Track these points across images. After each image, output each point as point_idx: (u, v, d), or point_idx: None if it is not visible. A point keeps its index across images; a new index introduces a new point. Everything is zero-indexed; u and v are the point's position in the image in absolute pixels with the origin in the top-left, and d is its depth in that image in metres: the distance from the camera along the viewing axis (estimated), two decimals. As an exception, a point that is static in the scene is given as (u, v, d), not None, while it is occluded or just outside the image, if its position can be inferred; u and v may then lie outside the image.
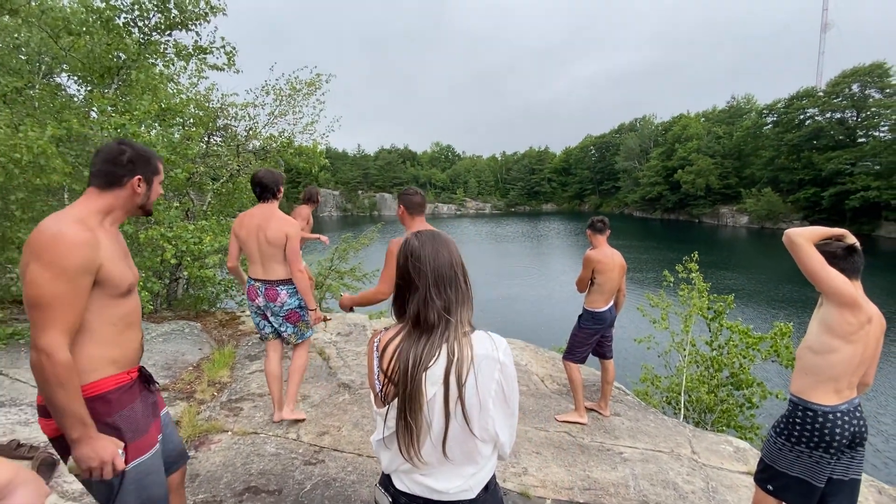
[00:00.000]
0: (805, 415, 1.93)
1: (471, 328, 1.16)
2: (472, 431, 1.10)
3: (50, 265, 1.19)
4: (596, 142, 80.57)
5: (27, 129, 3.65)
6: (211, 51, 5.32)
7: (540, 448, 3.27)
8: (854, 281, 1.93)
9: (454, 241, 1.21)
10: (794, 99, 44.50)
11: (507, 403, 1.15)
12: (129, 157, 1.42)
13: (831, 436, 1.87)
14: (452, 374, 1.06)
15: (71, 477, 2.37)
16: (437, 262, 1.12)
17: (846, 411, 1.90)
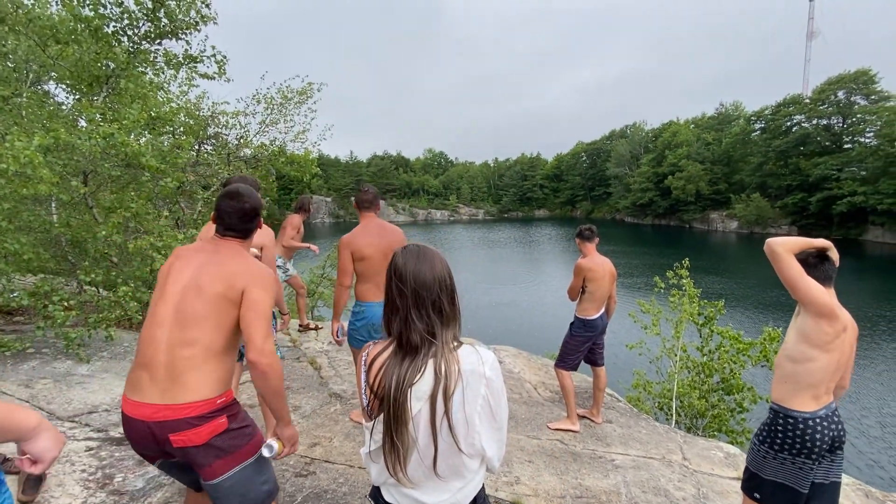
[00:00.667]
0: (786, 422, 1.96)
1: (457, 343, 1.15)
2: (459, 447, 1.09)
3: (268, 291, 1.56)
4: (587, 148, 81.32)
5: (14, 138, 3.61)
6: (201, 59, 5.31)
7: (532, 456, 3.27)
8: (827, 289, 1.97)
9: (441, 257, 1.18)
10: (781, 106, 45.34)
11: (493, 418, 1.14)
12: (253, 205, 1.67)
13: (812, 441, 1.91)
14: (440, 391, 1.06)
15: (59, 491, 2.33)
16: (419, 283, 1.10)
17: (825, 416, 1.94)
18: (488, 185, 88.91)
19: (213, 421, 1.44)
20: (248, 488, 1.49)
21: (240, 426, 1.51)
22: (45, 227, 4.59)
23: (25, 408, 1.02)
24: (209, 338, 1.47)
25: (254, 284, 1.51)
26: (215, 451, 1.44)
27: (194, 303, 1.48)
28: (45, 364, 3.97)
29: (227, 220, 1.63)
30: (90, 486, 2.42)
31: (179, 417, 1.39)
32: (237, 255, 1.61)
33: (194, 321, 1.47)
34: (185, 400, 1.41)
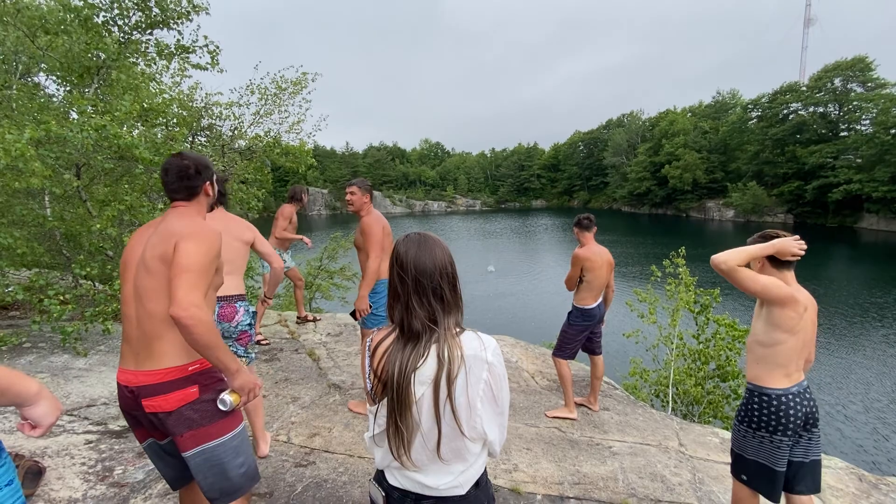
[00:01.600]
0: (761, 399, 2.07)
1: (460, 329, 1.16)
2: (462, 431, 1.11)
3: (202, 244, 1.47)
4: (584, 138, 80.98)
5: (4, 131, 3.56)
6: (194, 50, 5.23)
7: (530, 444, 3.30)
8: (787, 272, 2.08)
9: (443, 244, 1.19)
10: (777, 93, 45.19)
11: (495, 402, 1.16)
12: (196, 167, 1.63)
13: (786, 417, 2.02)
14: (443, 375, 1.08)
15: (59, 484, 2.34)
16: (419, 270, 1.12)
17: (797, 393, 2.06)
18: (485, 175, 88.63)
19: (183, 389, 1.45)
20: (223, 469, 1.48)
21: (212, 399, 1.49)
22: (38, 221, 4.55)
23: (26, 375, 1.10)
24: (162, 306, 1.45)
25: (183, 238, 1.45)
26: (186, 420, 1.44)
27: (144, 277, 1.48)
28: (42, 358, 3.96)
29: (169, 181, 1.61)
30: (90, 479, 2.43)
31: (150, 383, 1.43)
32: (179, 216, 1.56)
33: (147, 294, 1.47)
34: (154, 367, 1.45)
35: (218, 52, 5.45)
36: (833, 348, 13.54)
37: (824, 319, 15.75)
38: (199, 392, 1.46)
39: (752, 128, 48.24)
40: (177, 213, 1.59)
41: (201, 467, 1.46)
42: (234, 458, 1.49)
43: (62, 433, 2.85)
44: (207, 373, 1.51)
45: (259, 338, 4.81)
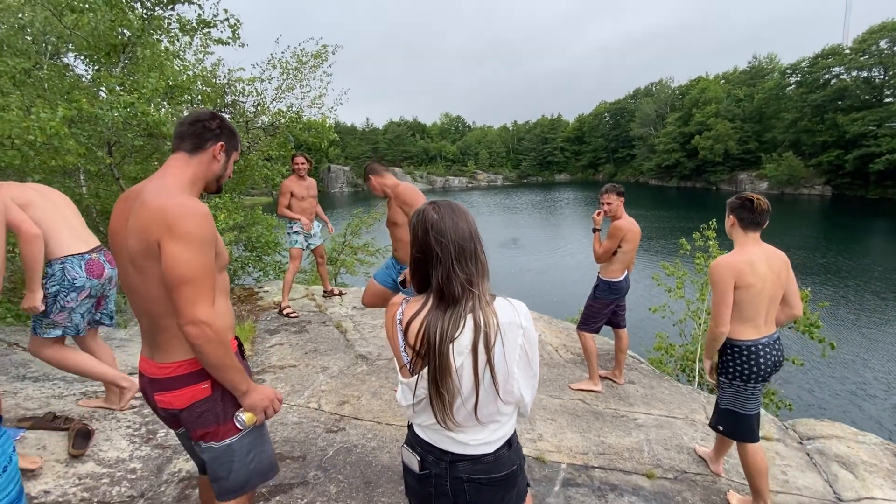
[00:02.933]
0: (733, 350, 2.32)
1: (491, 296, 1.17)
2: (500, 396, 1.14)
3: (190, 240, 1.21)
4: (610, 108, 78.26)
5: (38, 110, 3.66)
6: (214, 24, 5.22)
7: (555, 415, 3.33)
8: (754, 233, 2.37)
9: (470, 212, 1.20)
10: (819, 57, 42.38)
11: (530, 366, 1.18)
12: (220, 123, 1.42)
13: (757, 365, 2.27)
14: (481, 343, 1.09)
15: (107, 445, 2.49)
16: (458, 235, 1.13)
17: (767, 343, 2.29)
18: (507, 149, 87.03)
19: (194, 385, 1.33)
20: (231, 466, 1.40)
21: (227, 397, 1.37)
22: (75, 199, 4.71)
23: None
24: (163, 307, 1.28)
25: (166, 237, 1.20)
26: (197, 417, 1.34)
27: (135, 276, 1.30)
28: (86, 329, 4.17)
29: (182, 125, 1.40)
30: (135, 441, 2.58)
31: (161, 377, 1.34)
32: (161, 187, 1.29)
33: (143, 294, 1.30)
34: (164, 360, 1.33)
35: (238, 26, 5.43)
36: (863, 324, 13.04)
37: (854, 295, 15.14)
38: (210, 388, 1.35)
39: (791, 94, 45.60)
40: (161, 180, 1.33)
41: (212, 462, 1.40)
42: (245, 455, 1.43)
43: (108, 398, 3.02)
44: None
45: (288, 310, 4.94)
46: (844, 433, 3.35)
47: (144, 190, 1.29)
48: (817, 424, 3.49)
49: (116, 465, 2.36)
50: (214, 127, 1.40)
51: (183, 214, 1.22)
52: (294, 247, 5.02)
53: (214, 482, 1.42)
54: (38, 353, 2.51)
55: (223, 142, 1.43)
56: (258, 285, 6.33)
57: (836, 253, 20.90)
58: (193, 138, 1.38)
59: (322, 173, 69.58)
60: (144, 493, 2.18)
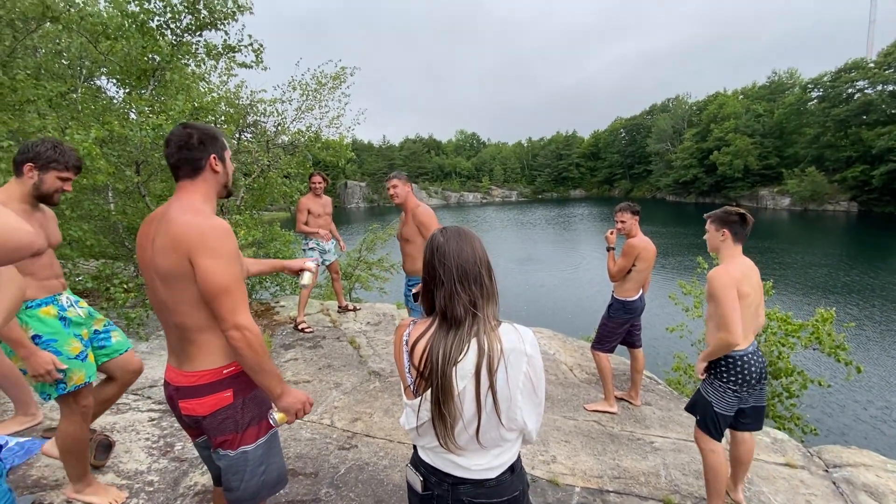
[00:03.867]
0: (727, 361, 2.42)
1: (497, 322, 1.18)
2: (501, 422, 1.14)
3: (220, 254, 1.31)
4: (626, 124, 78.10)
5: (73, 131, 3.85)
6: (239, 49, 5.44)
7: (569, 436, 3.28)
8: (740, 245, 2.52)
9: (479, 238, 1.23)
10: (841, 71, 41.72)
11: (535, 393, 1.18)
12: (199, 137, 1.42)
13: (749, 373, 2.39)
14: (483, 367, 1.10)
15: (126, 457, 2.55)
16: (462, 259, 1.16)
17: (753, 352, 2.42)
18: (522, 165, 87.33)
19: (218, 393, 1.40)
20: (242, 476, 1.45)
21: (247, 406, 1.45)
22: (103, 215, 4.91)
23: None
24: (191, 320, 1.36)
25: (197, 253, 1.29)
26: (219, 424, 1.41)
27: (164, 291, 1.36)
28: (109, 342, 4.30)
29: (169, 154, 1.42)
30: (154, 453, 2.63)
31: (187, 385, 1.40)
32: (182, 208, 1.37)
33: (174, 309, 1.37)
34: (190, 368, 1.40)
35: (262, 50, 5.64)
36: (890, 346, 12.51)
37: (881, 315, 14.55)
38: (233, 397, 1.42)
39: (812, 109, 44.85)
40: (179, 203, 1.39)
41: (226, 469, 1.45)
42: (257, 466, 1.47)
43: (128, 410, 3.10)
44: (243, 376, 1.45)
45: (303, 325, 5.00)
46: (873, 461, 3.22)
47: (169, 211, 1.37)
48: (844, 451, 3.36)
49: (135, 476, 2.41)
50: (198, 144, 1.42)
51: (209, 231, 1.32)
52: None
53: (227, 492, 1.48)
54: None
55: (213, 152, 1.45)
56: (275, 300, 6.43)
57: (861, 271, 20.22)
58: (188, 164, 1.42)
59: (339, 189, 70.71)
60: (161, 506, 2.21)
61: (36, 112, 4.38)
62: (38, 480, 2.27)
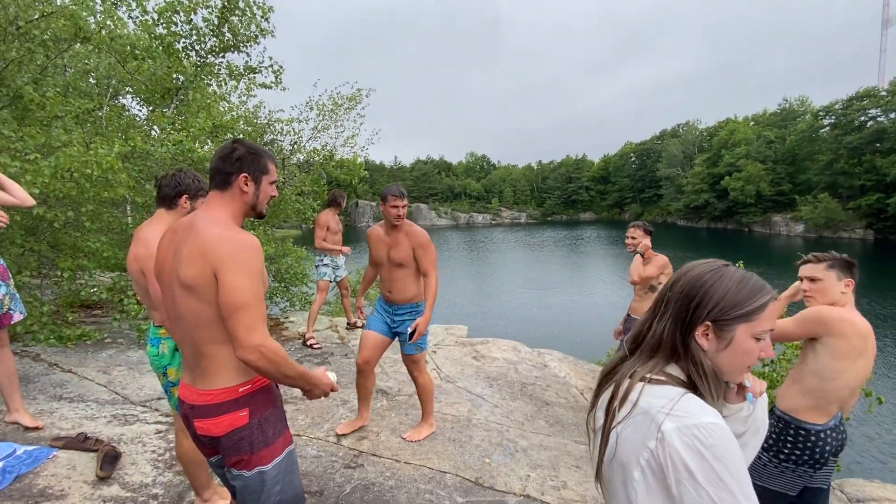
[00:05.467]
0: (797, 434, 1.93)
1: (663, 378, 0.93)
2: (602, 491, 0.98)
3: (246, 270, 1.29)
4: (636, 149, 78.43)
5: (97, 147, 3.98)
6: (260, 70, 5.65)
7: (580, 462, 3.19)
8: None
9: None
10: (853, 99, 41.71)
11: (667, 494, 0.83)
12: (239, 154, 1.42)
13: (821, 453, 1.90)
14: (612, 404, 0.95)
15: (132, 469, 2.53)
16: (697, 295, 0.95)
17: (834, 427, 1.93)
18: (531, 187, 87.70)
19: (233, 413, 1.36)
20: (258, 496, 1.42)
21: (262, 426, 1.41)
22: (122, 228, 5.01)
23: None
24: (208, 333, 1.34)
25: (224, 266, 1.27)
26: (235, 444, 1.38)
27: (183, 301, 1.33)
28: (120, 353, 4.33)
29: (212, 160, 1.45)
30: (159, 466, 2.61)
31: (201, 403, 1.37)
32: (209, 220, 1.35)
33: (191, 320, 1.34)
34: (205, 387, 1.37)
35: (281, 72, 5.83)
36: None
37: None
38: (248, 417, 1.38)
39: (825, 136, 44.71)
40: (206, 215, 1.38)
41: (240, 490, 1.43)
42: (273, 486, 1.43)
43: (136, 422, 3.09)
44: (259, 395, 1.42)
45: (311, 341, 5.00)
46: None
47: (195, 221, 1.36)
48: (867, 485, 3.23)
49: (140, 489, 2.39)
50: (234, 159, 1.42)
51: (239, 246, 1.30)
52: (322, 279, 5.14)
53: None
54: None
55: (246, 172, 1.43)
56: (284, 315, 6.45)
57: (874, 300, 19.81)
58: (219, 175, 1.42)
59: (350, 208, 71.52)
60: (165, 520, 2.19)
61: (63, 128, 4.54)
62: (43, 490, 2.27)
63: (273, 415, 1.45)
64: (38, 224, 4.34)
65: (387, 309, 3.11)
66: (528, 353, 5.42)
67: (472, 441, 3.27)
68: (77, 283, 4.98)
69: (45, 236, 4.63)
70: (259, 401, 1.41)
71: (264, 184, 1.49)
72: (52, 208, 4.15)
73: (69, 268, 4.42)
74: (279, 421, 1.47)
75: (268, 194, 1.51)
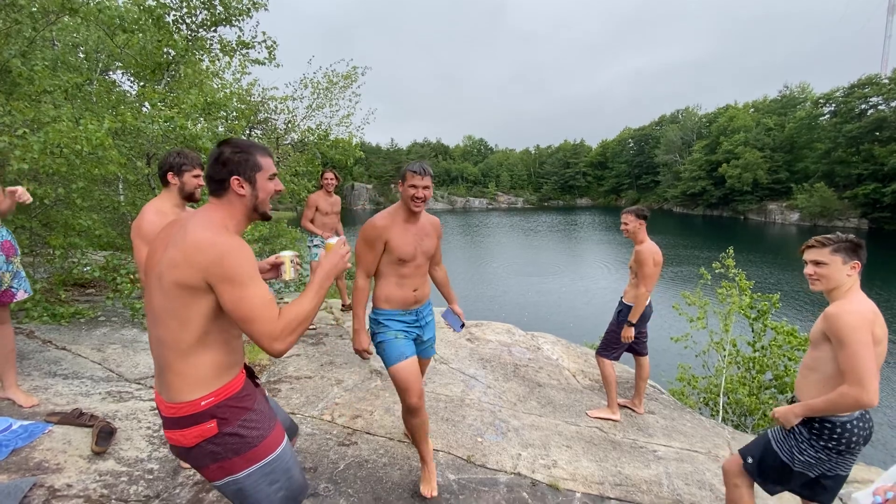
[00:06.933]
0: (822, 426, 1.92)
1: None
2: None
3: (243, 279, 1.24)
4: (635, 134, 77.98)
5: (87, 122, 3.90)
6: (253, 45, 5.51)
7: (570, 442, 3.25)
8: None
9: None
10: (854, 87, 41.49)
11: None
12: (226, 156, 1.35)
13: (856, 442, 1.90)
14: None
15: (127, 445, 2.55)
16: None
17: (860, 416, 1.92)
18: (528, 172, 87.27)
19: (200, 425, 1.30)
20: (257, 498, 1.37)
21: (235, 433, 1.33)
22: (113, 206, 4.95)
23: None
24: (172, 336, 1.27)
25: (222, 280, 1.22)
26: (209, 454, 1.32)
27: (158, 296, 1.28)
28: (114, 331, 4.32)
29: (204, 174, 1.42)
30: (154, 442, 2.63)
31: (168, 416, 1.31)
32: (203, 224, 1.29)
33: (159, 317, 1.29)
34: (171, 399, 1.30)
35: (275, 47, 5.70)
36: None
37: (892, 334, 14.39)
38: (217, 427, 1.31)
39: (824, 124, 44.62)
40: (201, 217, 1.32)
41: (234, 497, 1.38)
42: (269, 486, 1.38)
43: (130, 399, 3.10)
44: (225, 405, 1.33)
45: None
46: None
47: (189, 223, 1.30)
48: (861, 470, 3.31)
49: (135, 464, 2.41)
50: (222, 163, 1.35)
51: (221, 251, 1.23)
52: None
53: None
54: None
55: (237, 175, 1.35)
56: (279, 297, 6.44)
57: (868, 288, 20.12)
58: (212, 183, 1.37)
59: (346, 191, 70.98)
60: (160, 493, 2.21)
61: (52, 103, 4.44)
62: (39, 463, 2.28)
63: (250, 420, 1.37)
64: (29, 201, 4.28)
65: (409, 318, 2.52)
66: (521, 335, 5.46)
67: (464, 420, 3.32)
68: (69, 261, 4.94)
69: (36, 213, 4.58)
70: (227, 410, 1.33)
71: (261, 181, 1.39)
72: (43, 185, 4.09)
73: (61, 245, 4.38)
74: (260, 423, 1.39)
75: (269, 191, 1.42)
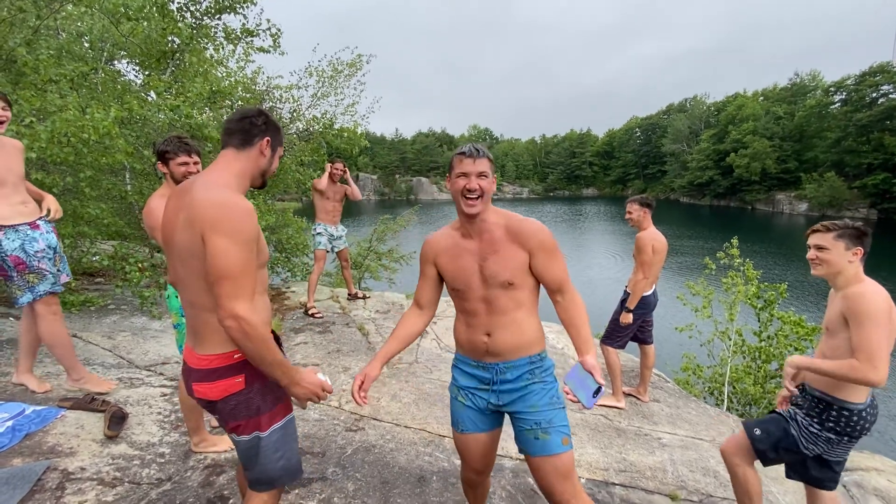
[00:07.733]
0: (840, 414, 1.93)
1: None
2: None
3: (233, 236, 1.24)
4: (642, 123, 77.10)
5: (93, 111, 3.90)
6: (257, 33, 5.48)
7: (575, 428, 3.27)
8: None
9: None
10: (866, 75, 40.68)
11: None
12: (266, 119, 1.46)
13: (866, 429, 1.93)
14: None
15: (139, 429, 2.60)
16: None
17: (870, 403, 1.95)
18: (534, 162, 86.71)
19: (229, 378, 1.36)
20: (260, 460, 1.44)
21: (259, 392, 1.40)
22: (121, 195, 4.98)
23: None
24: (201, 299, 1.33)
25: (211, 229, 1.23)
26: (231, 409, 1.38)
27: (180, 268, 1.35)
28: (124, 319, 4.38)
29: (231, 122, 1.44)
30: (165, 427, 2.68)
31: (199, 368, 1.37)
32: (209, 184, 1.32)
33: (186, 286, 1.36)
34: (203, 351, 1.37)
35: (279, 35, 5.66)
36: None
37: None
38: (244, 382, 1.37)
39: (834, 113, 43.86)
40: (207, 177, 1.35)
41: (243, 454, 1.46)
42: (273, 453, 1.44)
43: (141, 385, 3.15)
44: None
45: (313, 311, 5.04)
46: (885, 466, 3.17)
47: (195, 185, 1.32)
48: (856, 456, 3.31)
49: (147, 448, 2.45)
50: (261, 123, 1.44)
51: (227, 210, 1.25)
52: (318, 248, 5.14)
53: (246, 470, 1.48)
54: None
55: (269, 137, 1.46)
56: (286, 285, 6.49)
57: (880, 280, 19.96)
58: (241, 134, 1.42)
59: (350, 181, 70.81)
60: (172, 476, 2.26)
61: (58, 92, 4.45)
62: (53, 447, 2.33)
63: (272, 384, 1.43)
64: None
65: (481, 373, 1.74)
66: (527, 325, 5.47)
67: (470, 408, 3.34)
68: (78, 250, 4.98)
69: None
70: (255, 368, 1.38)
71: (276, 155, 1.53)
72: (51, 174, 4.11)
73: (70, 234, 4.42)
74: (279, 387, 1.44)
75: (276, 166, 1.56)
